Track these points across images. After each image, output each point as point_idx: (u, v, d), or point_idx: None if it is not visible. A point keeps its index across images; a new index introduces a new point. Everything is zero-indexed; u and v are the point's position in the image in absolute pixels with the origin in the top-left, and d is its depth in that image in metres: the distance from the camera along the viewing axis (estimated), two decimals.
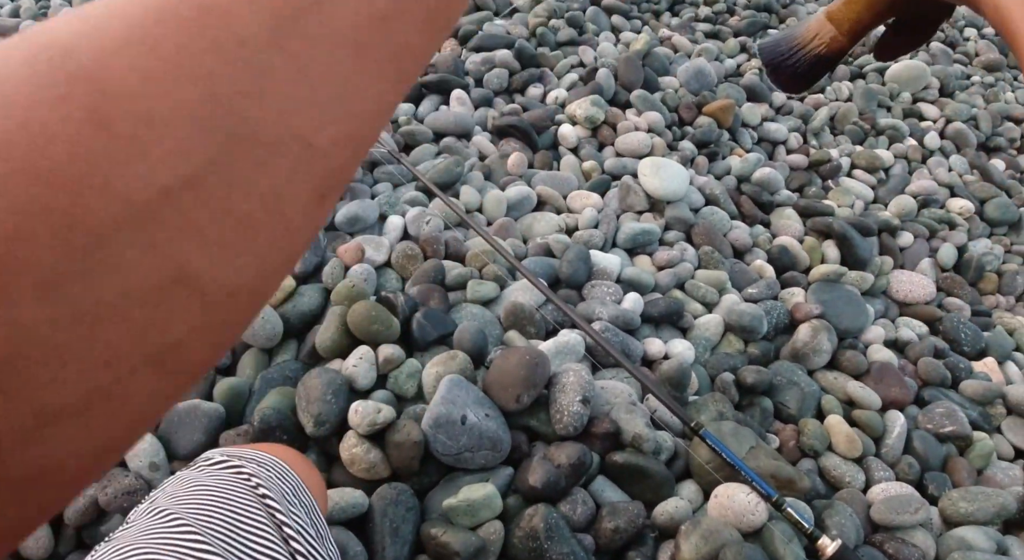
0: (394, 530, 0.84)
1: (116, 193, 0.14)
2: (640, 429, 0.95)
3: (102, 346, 0.14)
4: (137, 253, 0.14)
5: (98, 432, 0.14)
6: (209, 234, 0.15)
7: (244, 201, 0.16)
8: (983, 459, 1.13)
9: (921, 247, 1.51)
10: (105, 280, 0.14)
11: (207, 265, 0.15)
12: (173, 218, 0.14)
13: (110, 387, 0.14)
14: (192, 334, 0.15)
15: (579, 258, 1.21)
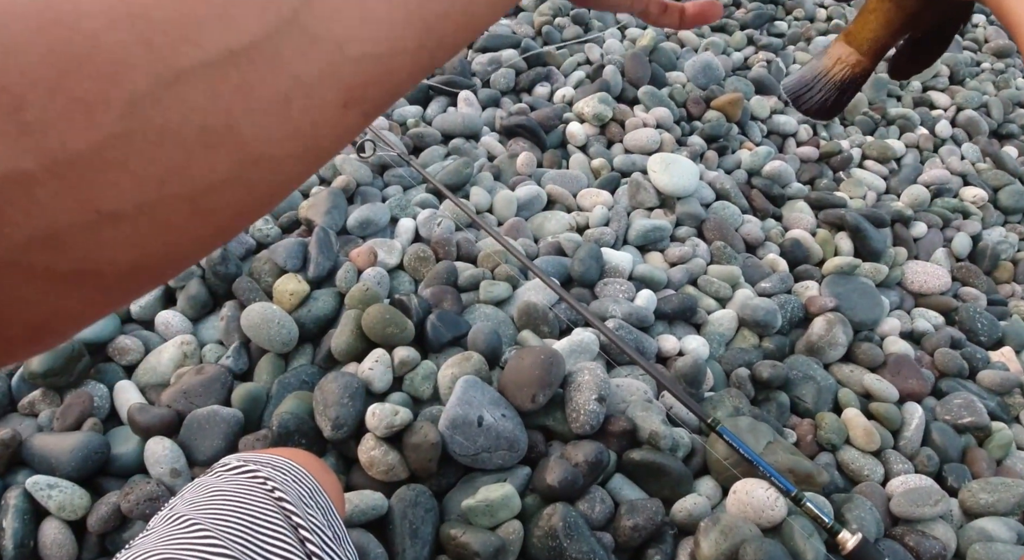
0: (414, 531, 0.85)
1: (198, 44, 0.17)
2: (656, 426, 0.95)
3: (158, 167, 0.16)
4: (202, 95, 0.17)
5: (141, 243, 0.17)
6: (255, 97, 0.18)
7: (283, 78, 0.18)
8: (1002, 449, 1.12)
9: (935, 237, 1.50)
10: (175, 110, 0.16)
11: (249, 123, 0.18)
12: (233, 75, 0.17)
13: (156, 205, 0.17)
14: (225, 183, 0.18)
15: (591, 256, 1.21)
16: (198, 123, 0.17)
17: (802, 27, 2.13)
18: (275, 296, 1.07)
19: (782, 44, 2.01)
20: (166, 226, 0.17)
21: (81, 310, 0.17)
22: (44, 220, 0.15)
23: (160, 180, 0.17)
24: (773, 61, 1.92)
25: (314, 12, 0.19)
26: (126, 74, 0.16)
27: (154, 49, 0.16)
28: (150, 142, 0.16)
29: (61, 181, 0.15)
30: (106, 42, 0.16)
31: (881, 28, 0.41)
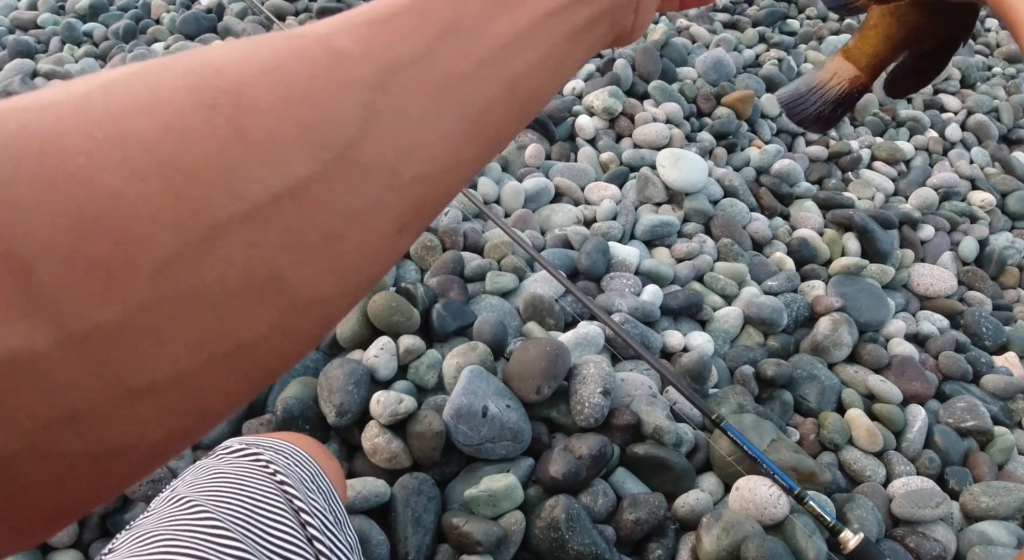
0: (416, 519, 0.85)
1: (237, 193, 0.15)
2: (661, 421, 0.95)
3: (193, 332, 0.15)
4: (242, 249, 0.15)
5: (174, 416, 0.15)
6: (303, 242, 0.17)
7: (335, 217, 0.17)
8: (1004, 454, 1.12)
9: (942, 240, 1.50)
10: (211, 269, 0.15)
11: (295, 271, 0.17)
12: (277, 221, 0.16)
13: (192, 373, 0.15)
14: (269, 335, 0.16)
15: (598, 250, 1.21)
16: (239, 280, 0.15)
17: (814, 26, 2.12)
18: None
19: (794, 42, 2.01)
20: (203, 392, 0.16)
21: (106, 488, 0.15)
22: (63, 402, 0.13)
23: (196, 346, 0.15)
24: (784, 59, 1.91)
25: (367, 141, 0.18)
26: (154, 234, 0.14)
27: (185, 203, 0.14)
28: (184, 307, 0.14)
29: (82, 358, 0.13)
30: (129, 198, 0.14)
31: (881, 43, 0.41)
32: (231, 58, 0.17)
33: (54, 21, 1.85)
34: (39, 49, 1.74)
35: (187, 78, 0.16)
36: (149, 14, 1.90)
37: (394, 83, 0.19)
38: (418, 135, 0.20)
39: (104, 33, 1.79)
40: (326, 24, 0.20)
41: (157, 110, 0.15)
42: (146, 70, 0.16)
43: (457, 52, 0.21)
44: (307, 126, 0.17)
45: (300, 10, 1.91)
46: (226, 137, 0.16)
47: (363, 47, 0.19)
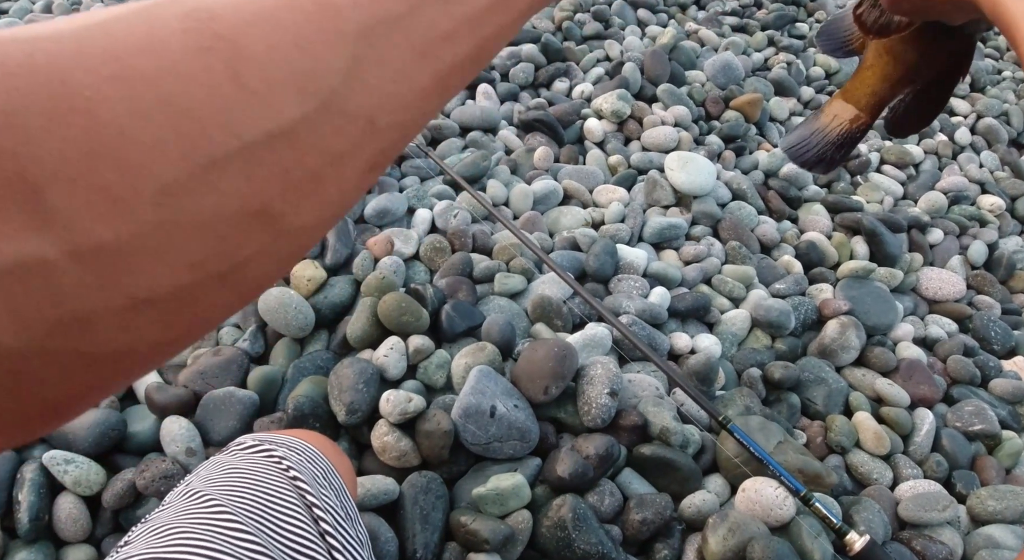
0: (424, 517, 0.86)
1: (233, 130, 0.17)
2: (668, 422, 0.96)
3: (191, 252, 0.16)
4: (237, 181, 0.17)
5: (169, 327, 0.17)
6: (290, 178, 0.18)
7: (319, 156, 0.19)
8: (1011, 458, 1.12)
9: (951, 244, 1.50)
10: (208, 199, 0.16)
11: (282, 203, 0.18)
12: (269, 158, 0.18)
13: (189, 288, 0.17)
14: (257, 257, 0.18)
15: (606, 252, 1.21)
16: (233, 208, 0.17)
17: None
18: (292, 281, 1.08)
19: (803, 46, 2.01)
20: (197, 304, 0.17)
21: (101, 388, 0.16)
22: (70, 306, 0.14)
23: (194, 265, 0.16)
24: (793, 63, 1.92)
25: (351, 89, 0.20)
26: (155, 164, 0.15)
27: (185, 138, 0.16)
28: (183, 230, 0.16)
29: (88, 269, 0.14)
30: (132, 132, 0.15)
31: (879, 82, 0.41)
32: (224, 3, 0.18)
33: None
34: None
35: (184, 21, 0.17)
36: None
37: (378, 37, 0.21)
38: (395, 86, 0.21)
39: None
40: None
41: (157, 51, 0.16)
42: (144, 10, 0.17)
43: (440, 12, 0.22)
44: (298, 73, 0.18)
45: None
46: (223, 79, 0.17)
47: (350, 1, 0.21)
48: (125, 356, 0.16)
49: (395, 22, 0.21)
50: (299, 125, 0.18)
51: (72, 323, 0.14)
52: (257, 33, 0.18)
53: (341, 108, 0.19)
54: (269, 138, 0.17)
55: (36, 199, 0.14)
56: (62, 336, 0.14)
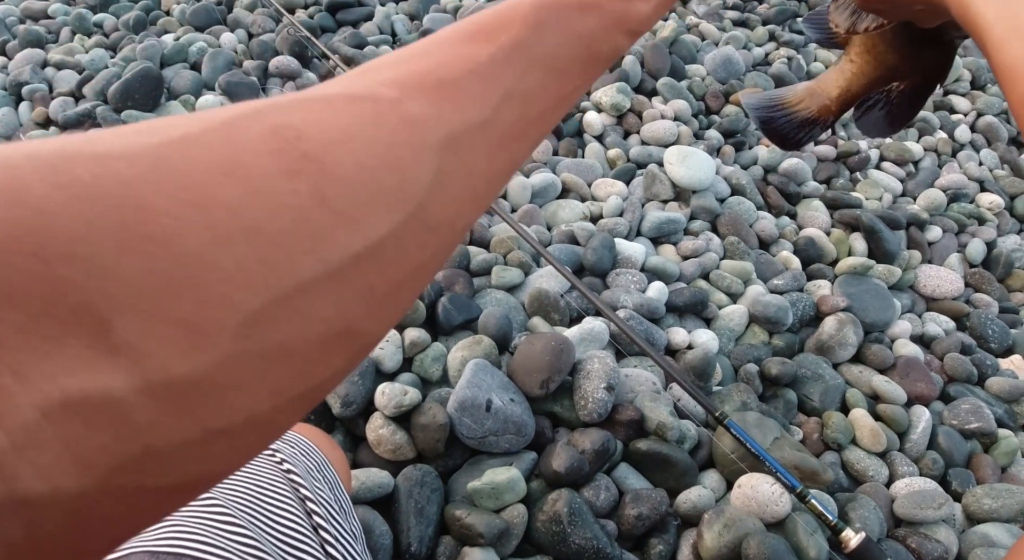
0: (419, 510, 0.85)
1: (320, 256, 0.16)
2: (664, 417, 0.95)
3: (272, 381, 0.15)
4: (324, 306, 0.16)
5: (240, 454, 0.16)
6: (375, 294, 0.18)
7: (403, 271, 0.19)
8: (1007, 457, 1.12)
9: (950, 242, 1.49)
10: (293, 326, 0.15)
11: (366, 322, 0.18)
12: (355, 279, 0.17)
13: (267, 416, 0.16)
14: (335, 376, 0.18)
15: (604, 246, 1.21)
16: (318, 333, 0.16)
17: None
18: None
19: (804, 41, 2.00)
20: (272, 429, 0.16)
21: (163, 515, 0.15)
22: (140, 443, 0.13)
23: (274, 392, 0.15)
24: (794, 58, 1.91)
25: (435, 201, 0.19)
26: (238, 294, 0.14)
27: (270, 266, 0.15)
28: (266, 360, 0.15)
29: (161, 404, 0.13)
30: (213, 261, 0.14)
31: (855, 79, 0.41)
32: (311, 121, 0.18)
33: (65, 11, 1.85)
34: (50, 39, 1.75)
35: (270, 142, 0.16)
36: (159, 5, 1.90)
37: (461, 146, 0.21)
38: (475, 191, 0.21)
39: (114, 24, 1.80)
40: (394, 84, 0.21)
41: (241, 175, 0.15)
42: (226, 128, 0.16)
43: (517, 114, 0.23)
44: (385, 190, 0.18)
45: (309, 3, 1.92)
46: (309, 203, 0.16)
47: (434, 112, 0.20)
48: (195, 485, 0.15)
49: (477, 130, 0.21)
50: (386, 242, 0.18)
51: (141, 459, 0.13)
52: (344, 152, 0.18)
53: (425, 220, 0.19)
54: (356, 259, 0.17)
55: (103, 332, 0.13)
56: (129, 473, 0.13)
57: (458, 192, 0.20)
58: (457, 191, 0.20)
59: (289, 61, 1.62)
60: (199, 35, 1.73)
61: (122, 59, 1.60)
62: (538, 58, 0.24)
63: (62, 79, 1.54)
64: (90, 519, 0.13)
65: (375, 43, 1.76)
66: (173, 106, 1.48)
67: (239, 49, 1.71)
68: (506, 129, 0.22)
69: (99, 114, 1.38)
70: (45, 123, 1.46)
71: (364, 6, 1.91)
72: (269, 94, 1.60)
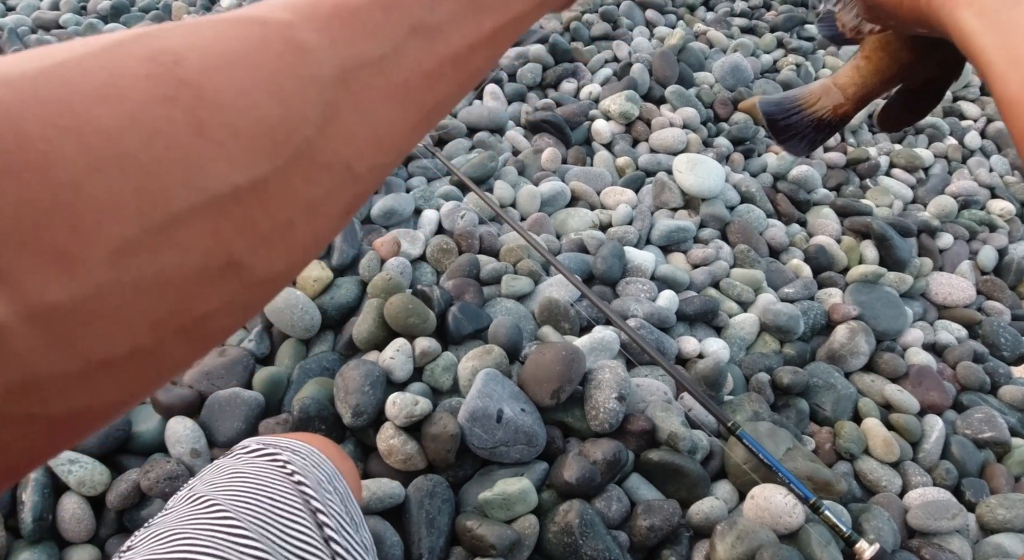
0: (430, 521, 0.85)
1: (198, 186, 0.16)
2: (676, 427, 0.95)
3: (152, 311, 0.15)
4: (202, 237, 0.16)
5: (129, 385, 0.16)
6: (259, 230, 0.17)
7: (291, 207, 0.18)
8: (1021, 466, 1.11)
9: (961, 249, 1.49)
10: (170, 256, 0.15)
11: (250, 256, 0.17)
12: (236, 212, 0.16)
13: (150, 347, 0.16)
14: (221, 310, 0.17)
15: (613, 254, 1.20)
16: (197, 264, 0.16)
17: None
18: (299, 282, 1.07)
19: (812, 48, 2.00)
20: (156, 361, 0.16)
21: (59, 446, 0.16)
22: (22, 370, 0.13)
23: (153, 325, 0.15)
24: (802, 65, 1.91)
25: (327, 138, 0.19)
26: (112, 222, 0.14)
27: (144, 194, 0.15)
28: (142, 290, 0.15)
29: (40, 331, 0.13)
30: (87, 189, 0.14)
31: (871, 76, 0.41)
32: (192, 45, 0.17)
33: (76, 21, 1.87)
34: None
35: (147, 65, 0.16)
36: (170, 15, 1.92)
37: (356, 81, 0.20)
38: (373, 131, 0.20)
39: None
40: (290, 9, 0.20)
41: (117, 99, 0.15)
42: (104, 52, 0.16)
43: (423, 50, 0.21)
44: (268, 123, 0.17)
45: None
46: (187, 131, 0.16)
47: (327, 41, 0.19)
48: (82, 417, 0.15)
49: (375, 64, 0.20)
50: (270, 178, 0.17)
51: (26, 387, 0.13)
52: (224, 79, 0.17)
53: (315, 158, 0.18)
54: (236, 192, 0.16)
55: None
56: (15, 400, 0.13)
57: (353, 131, 0.19)
58: (352, 130, 0.19)
59: None
60: None
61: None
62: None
63: None
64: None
65: None
66: None
67: None
68: (411, 68, 0.21)
69: None
70: None
71: None
72: None
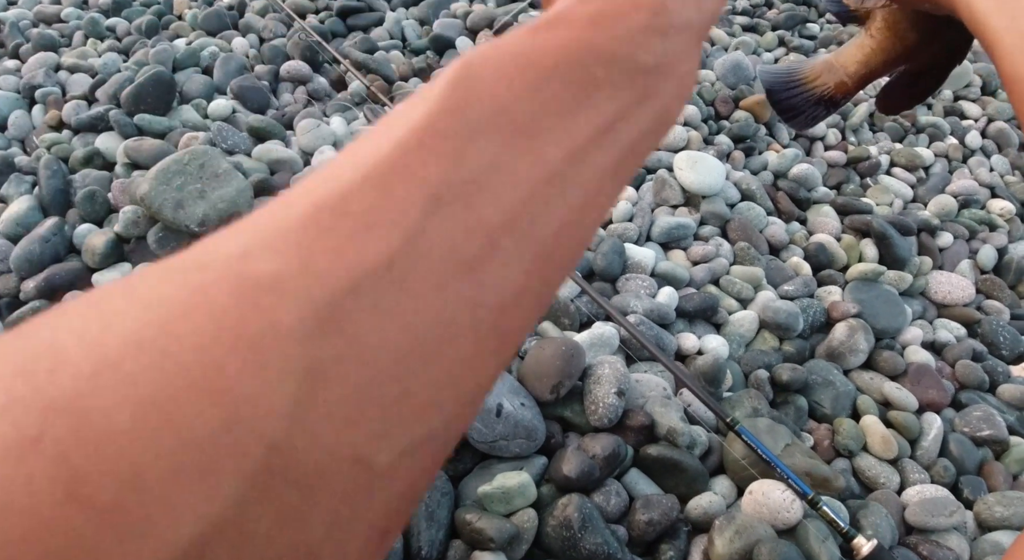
0: (429, 514, 0.85)
1: None
2: (675, 423, 0.95)
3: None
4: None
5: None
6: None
7: (287, 550, 0.12)
8: (1019, 464, 1.11)
9: (961, 248, 1.49)
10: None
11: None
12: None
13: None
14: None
15: (613, 251, 1.21)
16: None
17: (834, 30, 2.11)
18: None
19: (814, 46, 2.00)
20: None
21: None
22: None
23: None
24: None
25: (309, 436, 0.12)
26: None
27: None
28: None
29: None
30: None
31: (875, 56, 0.41)
32: (83, 331, 0.11)
33: (77, 15, 1.87)
34: (63, 43, 1.76)
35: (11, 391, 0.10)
36: (171, 10, 1.92)
37: (348, 318, 0.12)
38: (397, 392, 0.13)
39: (127, 28, 1.81)
40: (246, 231, 0.13)
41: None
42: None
43: (456, 227, 0.14)
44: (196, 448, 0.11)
45: (320, 8, 1.93)
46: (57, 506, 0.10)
47: (297, 265, 0.12)
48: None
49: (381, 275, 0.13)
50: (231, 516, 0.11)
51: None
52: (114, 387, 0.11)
53: (299, 462, 0.12)
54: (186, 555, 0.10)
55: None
56: None
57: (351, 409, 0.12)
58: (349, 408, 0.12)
59: (300, 66, 1.63)
60: (211, 39, 1.74)
61: (135, 63, 1.61)
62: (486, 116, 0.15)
63: (75, 82, 1.56)
64: None
65: (385, 48, 1.77)
66: (185, 110, 1.48)
67: (250, 54, 1.72)
68: (442, 259, 0.13)
69: (112, 118, 1.39)
70: (58, 126, 1.47)
71: (375, 11, 1.92)
72: (280, 98, 1.61)
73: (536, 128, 0.15)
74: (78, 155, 1.36)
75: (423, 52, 1.81)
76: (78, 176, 1.33)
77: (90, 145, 1.38)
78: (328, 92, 1.65)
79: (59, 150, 1.37)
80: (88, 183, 1.31)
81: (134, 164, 1.34)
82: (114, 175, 1.34)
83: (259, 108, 1.55)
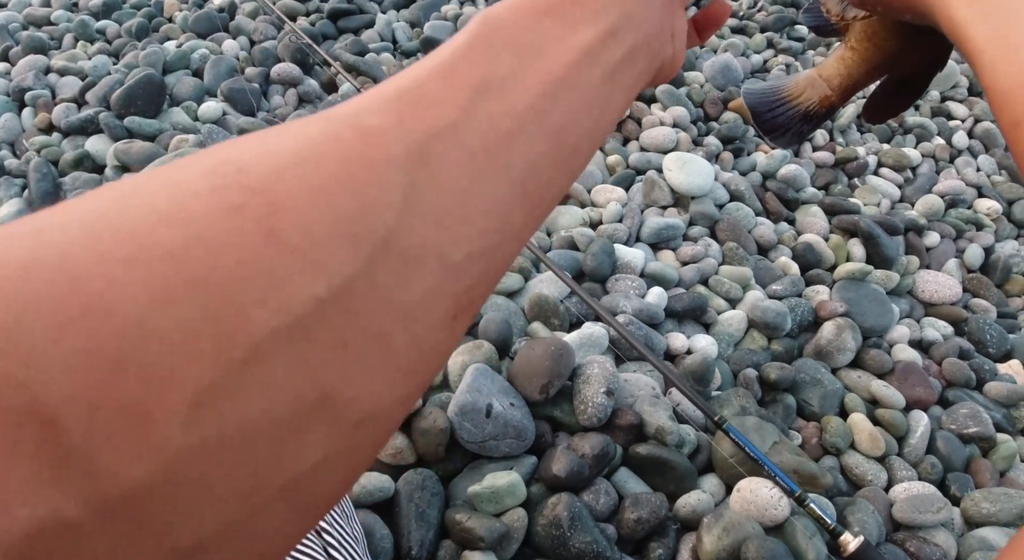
0: (420, 514, 0.86)
1: (277, 304, 0.13)
2: (663, 422, 0.96)
3: (242, 475, 0.13)
4: (287, 370, 0.13)
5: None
6: (351, 351, 0.15)
7: (384, 317, 0.15)
8: (1006, 461, 1.12)
9: (948, 247, 1.50)
10: (254, 399, 0.13)
11: (345, 384, 0.14)
12: (323, 332, 0.14)
13: (244, 522, 0.13)
14: (324, 462, 0.15)
15: (603, 252, 1.21)
16: (287, 406, 0.13)
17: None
18: None
19: (802, 48, 2.01)
20: (257, 537, 0.14)
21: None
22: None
23: (245, 490, 0.13)
24: (792, 65, 1.92)
25: (411, 224, 0.16)
26: (186, 365, 0.12)
27: (220, 323, 0.12)
28: (228, 447, 0.12)
29: (119, 524, 0.11)
30: (155, 325, 0.12)
31: (857, 67, 0.41)
32: (255, 151, 0.16)
33: (67, 18, 1.86)
34: (53, 45, 1.76)
35: (209, 179, 0.14)
36: (162, 12, 1.91)
37: (432, 155, 0.18)
38: (464, 208, 0.18)
39: (117, 30, 1.81)
40: (354, 103, 0.19)
41: (179, 220, 0.13)
42: (165, 173, 0.15)
43: (494, 110, 0.20)
44: (344, 217, 0.15)
45: (311, 10, 1.93)
46: (258, 241, 0.14)
47: (394, 120, 0.18)
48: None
49: (447, 133, 0.18)
50: (354, 281, 0.15)
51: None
52: (293, 178, 0.15)
53: (402, 249, 0.16)
54: (319, 305, 0.14)
55: (53, 436, 0.11)
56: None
57: (439, 211, 0.17)
58: (438, 210, 0.17)
59: (291, 68, 1.63)
60: (201, 42, 1.74)
61: (124, 66, 1.61)
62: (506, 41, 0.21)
63: (65, 85, 1.55)
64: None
65: (376, 50, 1.78)
66: (175, 113, 1.48)
67: (241, 56, 1.72)
68: (486, 130, 0.19)
69: (102, 120, 1.39)
70: (48, 129, 1.47)
71: (365, 13, 1.92)
72: (271, 101, 1.61)
73: (541, 49, 0.22)
74: (68, 158, 1.36)
75: (414, 54, 1.81)
76: (68, 179, 1.33)
77: (80, 148, 1.38)
78: (319, 94, 1.65)
79: (49, 153, 1.37)
80: (78, 186, 1.31)
81: (124, 167, 1.34)
82: (104, 178, 1.34)
83: (249, 110, 1.55)
